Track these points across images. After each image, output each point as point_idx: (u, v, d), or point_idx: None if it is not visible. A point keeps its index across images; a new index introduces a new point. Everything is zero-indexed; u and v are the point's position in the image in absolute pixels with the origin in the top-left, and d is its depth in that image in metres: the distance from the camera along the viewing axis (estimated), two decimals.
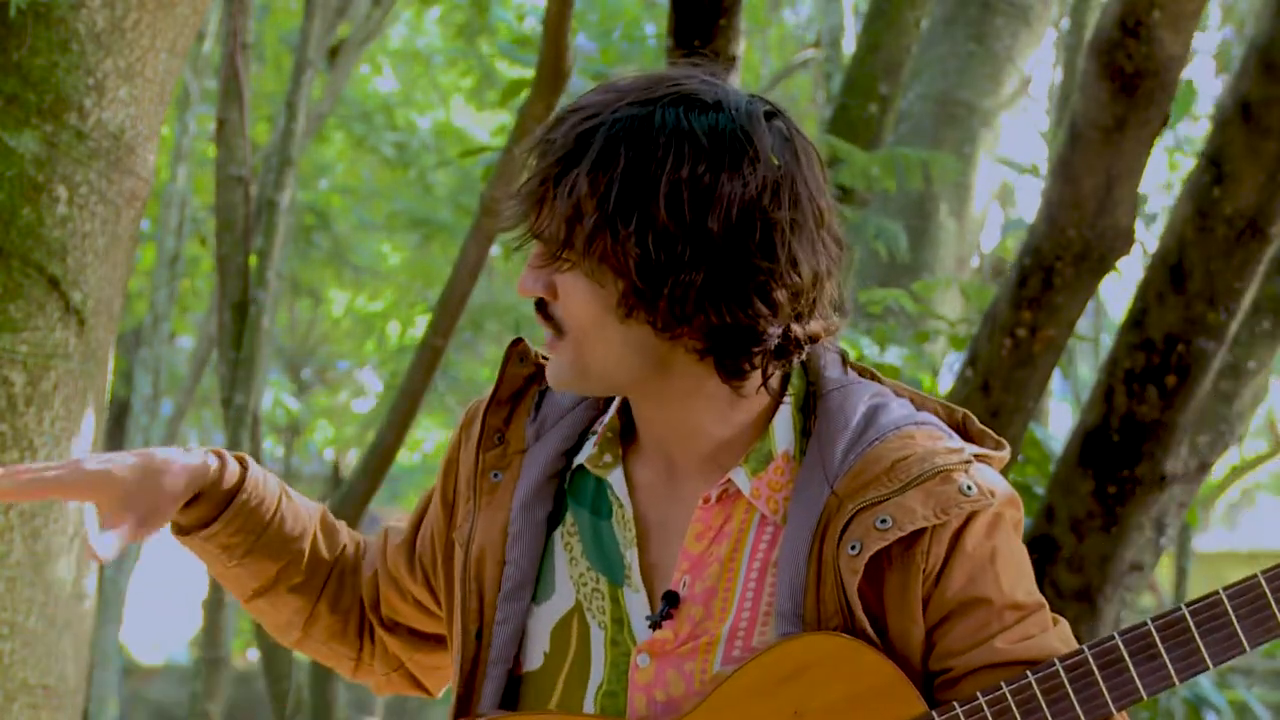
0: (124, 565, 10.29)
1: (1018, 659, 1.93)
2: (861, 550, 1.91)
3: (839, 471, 1.96)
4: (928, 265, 7.18)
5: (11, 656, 3.29)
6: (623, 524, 2.03)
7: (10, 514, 3.28)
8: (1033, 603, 1.97)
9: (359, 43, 10.11)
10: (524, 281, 1.96)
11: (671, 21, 4.28)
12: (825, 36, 9.76)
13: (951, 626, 1.94)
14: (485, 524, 2.06)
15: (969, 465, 1.97)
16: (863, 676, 1.91)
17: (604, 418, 2.07)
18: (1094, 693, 1.90)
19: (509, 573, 2.04)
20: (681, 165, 1.88)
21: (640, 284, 1.89)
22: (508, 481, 2.07)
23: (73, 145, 3.32)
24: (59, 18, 3.31)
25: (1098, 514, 4.68)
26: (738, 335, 1.92)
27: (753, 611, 1.98)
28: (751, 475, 1.98)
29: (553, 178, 1.90)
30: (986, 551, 1.95)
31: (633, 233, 1.88)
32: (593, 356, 1.94)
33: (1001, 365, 4.56)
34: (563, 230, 1.90)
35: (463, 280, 6.34)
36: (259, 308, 7.75)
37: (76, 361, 3.36)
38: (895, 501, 1.92)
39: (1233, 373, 5.57)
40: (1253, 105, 4.42)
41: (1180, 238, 4.55)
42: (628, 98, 1.92)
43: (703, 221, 1.88)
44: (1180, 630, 1.90)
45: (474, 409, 2.15)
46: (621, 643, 2.01)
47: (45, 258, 3.31)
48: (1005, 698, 1.90)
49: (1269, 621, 1.90)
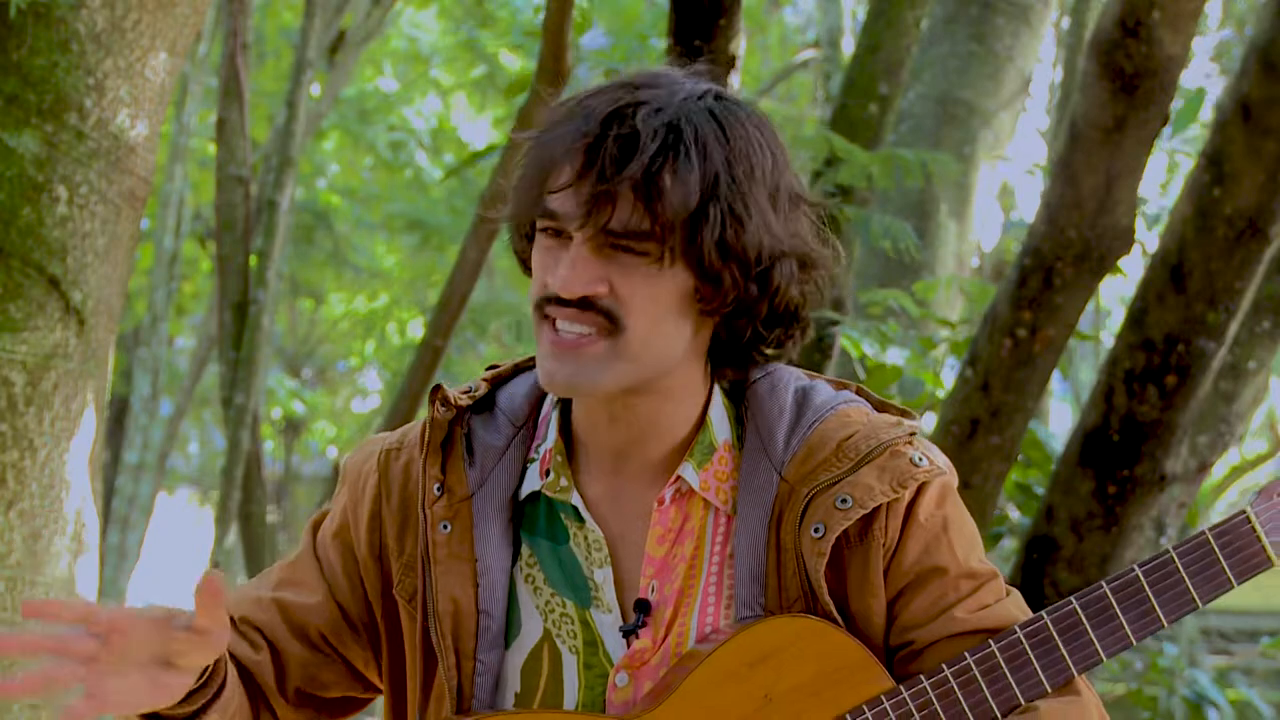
0: (124, 565, 10.29)
1: (977, 628, 1.95)
2: (826, 532, 1.93)
3: (784, 457, 1.98)
4: (928, 265, 7.17)
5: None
6: (586, 545, 2.01)
7: (10, 514, 3.28)
8: (987, 571, 2.00)
9: (359, 42, 10.10)
10: (575, 279, 1.88)
11: (671, 21, 4.29)
12: (825, 36, 9.76)
13: (910, 598, 1.97)
14: (447, 577, 2.00)
15: (914, 437, 2.00)
16: (830, 656, 1.93)
17: (542, 445, 2.04)
18: (1055, 658, 1.94)
19: (485, 624, 2.00)
20: (765, 162, 1.91)
21: (718, 276, 1.88)
22: (460, 531, 2.00)
23: (73, 145, 3.32)
24: (59, 18, 3.31)
25: (1098, 514, 4.68)
26: (774, 320, 1.95)
27: (716, 605, 1.98)
28: (698, 469, 1.99)
29: (644, 173, 1.85)
30: (939, 521, 1.98)
31: (746, 225, 1.88)
32: (655, 348, 1.91)
33: (1001, 365, 4.56)
34: (651, 225, 1.86)
35: (463, 280, 6.34)
36: (259, 308, 7.75)
37: (76, 361, 3.36)
38: (850, 480, 1.95)
39: (1233, 373, 5.57)
40: (1253, 105, 4.42)
41: (1180, 238, 4.55)
42: (678, 91, 1.91)
43: (787, 217, 1.93)
44: (1135, 591, 1.95)
45: (379, 461, 2.07)
46: (596, 664, 2.00)
47: (45, 258, 3.31)
48: (970, 668, 1.93)
49: (1219, 578, 1.96)
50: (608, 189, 1.85)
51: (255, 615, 2.09)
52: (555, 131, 1.92)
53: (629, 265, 1.88)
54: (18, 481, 3.28)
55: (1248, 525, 1.96)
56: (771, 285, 1.92)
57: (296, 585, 2.09)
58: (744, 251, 1.88)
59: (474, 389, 2.07)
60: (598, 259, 1.89)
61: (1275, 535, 1.96)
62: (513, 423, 2.05)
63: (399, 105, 13.70)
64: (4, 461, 3.27)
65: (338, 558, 2.09)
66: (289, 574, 2.11)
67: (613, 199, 1.85)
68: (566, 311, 1.90)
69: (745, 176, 1.88)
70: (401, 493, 2.06)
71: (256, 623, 2.09)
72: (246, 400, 7.78)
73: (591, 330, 1.90)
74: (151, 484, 10.39)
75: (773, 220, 1.90)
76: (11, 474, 3.28)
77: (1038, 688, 1.94)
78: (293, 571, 2.11)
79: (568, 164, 1.88)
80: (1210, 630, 13.09)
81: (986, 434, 4.60)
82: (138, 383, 10.48)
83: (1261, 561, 1.96)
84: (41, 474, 3.31)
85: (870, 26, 6.49)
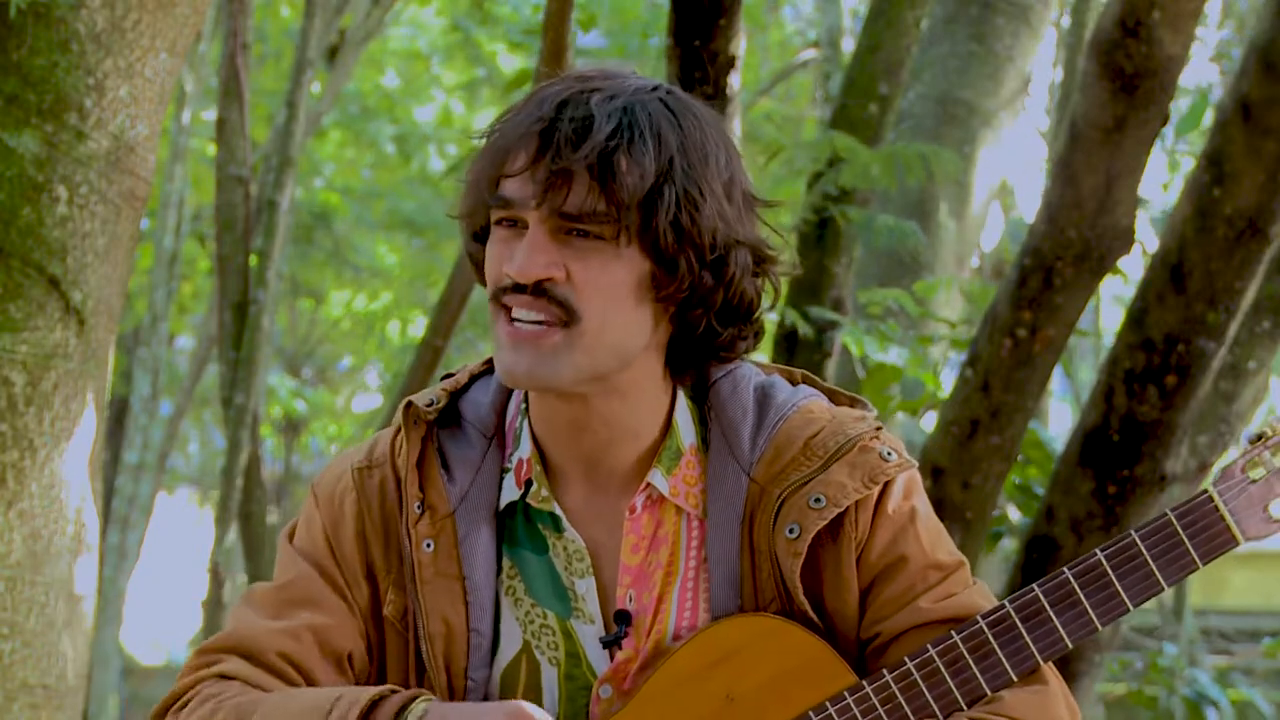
0: (124, 565, 10.29)
1: (942, 617, 1.94)
2: (801, 533, 1.92)
3: (752, 459, 1.97)
4: (928, 265, 7.17)
5: (11, 656, 3.28)
6: (566, 555, 2.00)
7: (10, 514, 3.28)
8: (953, 562, 1.99)
9: (359, 41, 10.10)
10: (531, 263, 1.87)
11: (671, 21, 4.28)
12: (824, 36, 9.76)
13: (879, 591, 1.96)
14: (436, 597, 1.97)
15: (879, 430, 2.00)
16: (791, 654, 1.92)
17: (515, 454, 2.02)
18: (1019, 646, 1.92)
19: (476, 642, 1.98)
20: (720, 154, 1.91)
21: (673, 261, 1.88)
22: (445, 548, 1.97)
23: (73, 145, 3.32)
24: (59, 18, 3.31)
25: (1098, 514, 4.67)
26: (729, 315, 1.94)
27: (694, 611, 1.98)
28: (666, 474, 1.98)
29: (599, 154, 1.84)
30: (906, 512, 1.98)
31: (701, 209, 1.87)
32: (611, 337, 1.90)
33: (1001, 365, 4.56)
34: (607, 205, 1.85)
35: (463, 280, 6.34)
36: (259, 308, 7.75)
37: (76, 361, 3.35)
38: (821, 479, 1.94)
39: (1233, 373, 5.56)
40: (1253, 105, 4.42)
41: (1180, 238, 4.55)
42: (630, 83, 1.92)
43: (744, 198, 1.93)
44: (1098, 575, 1.93)
45: (354, 479, 2.02)
46: (578, 676, 1.99)
47: (45, 258, 3.31)
48: (933, 659, 1.92)
49: (1183, 559, 1.93)
50: (564, 167, 1.85)
51: (289, 647, 1.99)
52: (507, 121, 1.91)
53: (585, 250, 1.87)
54: (18, 481, 3.28)
55: (1210, 505, 1.94)
56: (726, 274, 1.91)
57: (314, 606, 2.00)
58: (699, 235, 1.88)
59: (435, 400, 2.03)
60: (554, 243, 1.88)
61: (1239, 514, 1.94)
62: (483, 434, 2.03)
63: (401, 101, 13.69)
64: (4, 461, 3.27)
65: (337, 575, 2.03)
66: (296, 596, 2.01)
67: (569, 179, 1.85)
68: (522, 299, 1.89)
69: (699, 162, 1.89)
70: (381, 510, 2.02)
71: (292, 657, 1.99)
72: (246, 400, 7.77)
73: (548, 320, 1.88)
74: (151, 484, 10.38)
75: (727, 208, 1.90)
76: (11, 474, 3.28)
77: (1002, 677, 1.92)
78: (301, 592, 2.01)
79: (523, 149, 1.88)
80: (1210, 630, 13.09)
81: (986, 434, 4.60)
82: (138, 383, 10.48)
83: (1226, 540, 1.94)
84: (41, 474, 3.31)
85: (870, 26, 6.48)
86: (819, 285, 5.93)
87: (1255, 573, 15.29)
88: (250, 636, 1.99)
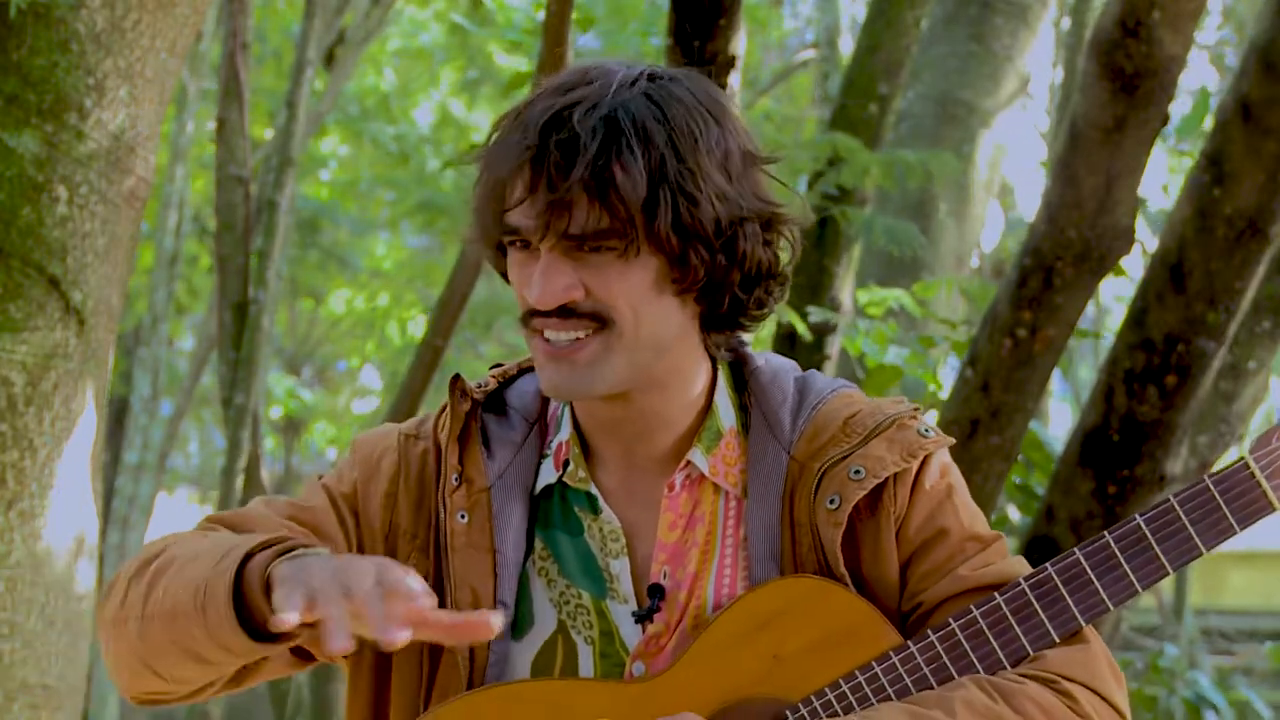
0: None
1: (982, 584, 1.97)
2: (841, 503, 1.96)
3: (792, 437, 2.01)
4: (928, 265, 7.17)
5: (11, 656, 3.29)
6: (602, 536, 2.03)
7: (10, 514, 3.28)
8: (990, 535, 2.03)
9: (359, 42, 10.10)
10: (549, 290, 1.90)
11: (671, 21, 4.28)
12: (823, 36, 9.76)
13: (918, 564, 1.99)
14: (466, 567, 2.01)
15: (916, 411, 2.04)
16: (837, 615, 1.95)
17: (555, 439, 2.06)
18: (1062, 608, 1.96)
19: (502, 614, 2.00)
20: (710, 131, 1.91)
21: (683, 257, 1.90)
22: (479, 521, 2.02)
23: (73, 145, 3.32)
24: (59, 18, 3.31)
25: (1098, 514, 4.68)
26: (751, 282, 1.96)
27: (731, 588, 2.00)
28: (706, 454, 2.01)
29: (591, 173, 1.85)
30: (943, 488, 2.02)
31: (699, 202, 1.88)
32: (646, 330, 1.92)
33: (1001, 365, 4.56)
34: (610, 221, 1.87)
35: (463, 280, 6.34)
36: (259, 308, 7.75)
37: (76, 361, 3.35)
38: (861, 453, 1.98)
39: (1233, 373, 5.57)
40: (1253, 105, 4.42)
41: (1180, 238, 4.55)
42: (610, 82, 1.92)
43: (742, 180, 1.93)
44: (1138, 539, 1.96)
45: (399, 442, 2.07)
46: (612, 654, 2.01)
47: (45, 258, 3.31)
48: (976, 620, 1.95)
49: (1222, 523, 1.97)
50: (560, 197, 1.86)
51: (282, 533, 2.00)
52: (498, 148, 1.93)
53: (599, 264, 1.90)
54: (18, 481, 3.28)
55: (1247, 472, 1.97)
56: (739, 253, 1.93)
57: (308, 528, 2.05)
58: (702, 227, 1.89)
59: (485, 384, 2.09)
60: (568, 264, 1.90)
61: (1275, 480, 1.97)
62: (526, 419, 2.08)
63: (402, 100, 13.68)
64: (4, 461, 3.27)
65: (351, 523, 2.08)
66: (304, 515, 2.06)
67: (567, 206, 1.87)
68: (550, 322, 1.92)
69: (690, 152, 1.89)
70: (419, 477, 2.07)
71: None
72: (246, 400, 7.77)
73: (583, 333, 1.92)
74: (151, 484, 10.38)
75: (727, 188, 1.91)
76: (11, 474, 3.28)
77: (1045, 638, 1.95)
78: (309, 515, 2.06)
79: (518, 179, 1.90)
80: (1210, 630, 13.09)
81: (986, 434, 4.60)
82: (138, 383, 10.47)
83: (1263, 507, 1.97)
84: (41, 474, 3.31)
85: (870, 26, 6.48)
86: (819, 285, 5.93)
87: (1255, 572, 15.30)
88: (252, 517, 2.04)
